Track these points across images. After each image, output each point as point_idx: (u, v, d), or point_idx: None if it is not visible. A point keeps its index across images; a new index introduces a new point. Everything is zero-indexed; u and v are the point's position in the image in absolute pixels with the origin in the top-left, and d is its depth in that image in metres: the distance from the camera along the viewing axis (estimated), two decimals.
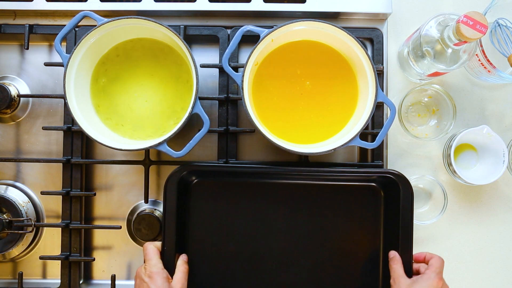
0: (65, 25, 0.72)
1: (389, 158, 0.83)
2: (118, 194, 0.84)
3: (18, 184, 0.84)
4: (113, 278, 0.80)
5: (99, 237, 0.84)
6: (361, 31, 0.82)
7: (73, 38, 0.81)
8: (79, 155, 0.81)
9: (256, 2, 0.80)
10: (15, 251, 0.82)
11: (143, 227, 0.80)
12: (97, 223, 0.84)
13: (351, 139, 0.69)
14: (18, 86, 0.84)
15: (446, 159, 0.80)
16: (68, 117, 0.81)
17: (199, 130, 0.70)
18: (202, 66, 0.80)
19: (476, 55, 0.75)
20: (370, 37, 0.82)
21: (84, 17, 0.72)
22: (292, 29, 0.72)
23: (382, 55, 0.81)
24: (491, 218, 0.83)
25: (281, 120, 0.75)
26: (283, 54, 0.75)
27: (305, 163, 0.81)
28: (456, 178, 0.80)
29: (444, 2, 0.84)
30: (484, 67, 0.76)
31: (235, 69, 0.79)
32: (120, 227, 0.81)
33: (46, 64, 0.81)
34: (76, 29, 0.81)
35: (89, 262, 0.84)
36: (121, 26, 0.72)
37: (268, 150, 0.83)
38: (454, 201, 0.83)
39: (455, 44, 0.68)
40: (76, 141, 0.81)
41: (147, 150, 0.81)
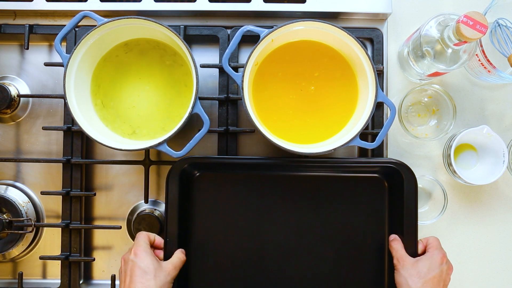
0: (65, 25, 0.72)
1: None
2: (118, 194, 0.84)
3: (18, 184, 0.84)
4: (113, 278, 0.80)
5: (99, 237, 0.84)
6: (361, 31, 0.82)
7: (73, 38, 0.81)
8: (79, 155, 0.81)
9: (256, 2, 0.80)
10: (15, 251, 0.82)
11: (143, 227, 0.80)
12: (97, 223, 0.84)
13: (351, 139, 0.69)
14: (18, 86, 0.84)
15: (446, 159, 0.80)
16: (68, 117, 0.81)
17: (199, 130, 0.70)
18: (202, 66, 0.80)
19: (476, 55, 0.75)
20: (370, 37, 0.82)
21: (84, 17, 0.72)
22: (292, 29, 0.72)
23: (382, 55, 0.81)
24: (491, 218, 0.83)
25: (281, 120, 0.75)
26: (283, 54, 0.75)
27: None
28: (456, 178, 0.80)
29: (444, 2, 0.84)
30: (484, 67, 0.76)
31: (235, 69, 0.79)
32: (120, 227, 0.81)
33: (46, 64, 0.81)
34: (76, 29, 0.81)
35: (89, 262, 0.84)
36: (121, 26, 0.72)
37: (268, 150, 0.83)
38: (454, 201, 0.83)
39: (455, 44, 0.68)
40: (76, 141, 0.81)
41: (147, 150, 0.81)
